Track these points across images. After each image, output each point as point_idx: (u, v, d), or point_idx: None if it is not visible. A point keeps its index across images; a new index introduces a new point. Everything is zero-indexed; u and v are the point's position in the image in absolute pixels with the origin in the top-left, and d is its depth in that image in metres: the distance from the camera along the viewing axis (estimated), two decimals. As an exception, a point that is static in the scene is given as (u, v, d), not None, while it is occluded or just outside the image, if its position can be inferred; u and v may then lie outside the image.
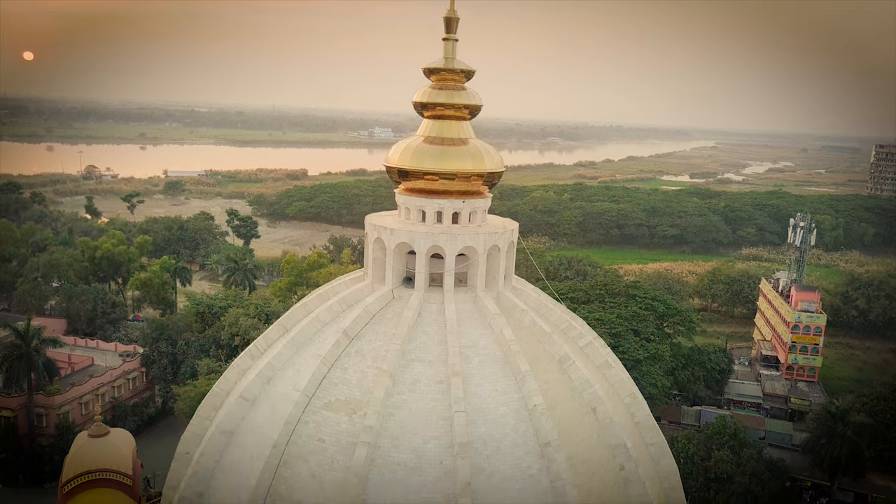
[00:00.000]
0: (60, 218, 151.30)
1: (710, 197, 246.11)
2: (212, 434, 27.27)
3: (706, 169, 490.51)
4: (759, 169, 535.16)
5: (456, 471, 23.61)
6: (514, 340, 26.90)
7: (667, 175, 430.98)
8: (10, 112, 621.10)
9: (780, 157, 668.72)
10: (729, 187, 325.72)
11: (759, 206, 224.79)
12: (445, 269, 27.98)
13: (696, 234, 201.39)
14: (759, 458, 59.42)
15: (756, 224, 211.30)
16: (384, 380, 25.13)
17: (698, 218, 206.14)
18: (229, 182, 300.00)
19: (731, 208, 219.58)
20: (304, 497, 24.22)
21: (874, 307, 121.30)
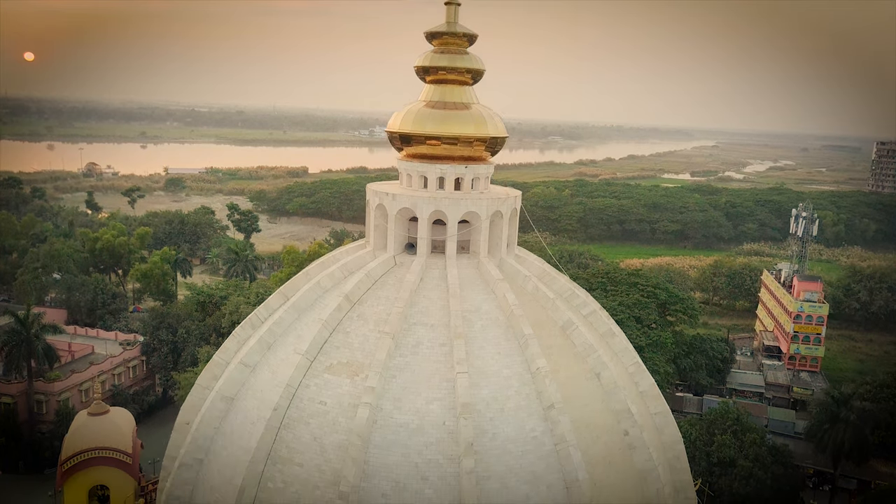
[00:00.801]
0: (61, 212, 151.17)
1: (712, 193, 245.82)
2: (212, 400, 27.04)
3: (707, 167, 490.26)
4: (759, 167, 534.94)
5: (458, 432, 23.37)
6: (517, 305, 26.67)
7: (668, 173, 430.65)
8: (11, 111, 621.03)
9: (781, 157, 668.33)
10: (730, 185, 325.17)
11: (760, 202, 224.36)
12: (448, 235, 27.73)
13: (697, 230, 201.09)
14: (761, 442, 59.13)
15: (757, 220, 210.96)
16: (386, 342, 24.89)
17: (699, 213, 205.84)
18: (230, 179, 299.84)
19: (732, 204, 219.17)
20: (305, 459, 23.98)
21: (876, 299, 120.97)
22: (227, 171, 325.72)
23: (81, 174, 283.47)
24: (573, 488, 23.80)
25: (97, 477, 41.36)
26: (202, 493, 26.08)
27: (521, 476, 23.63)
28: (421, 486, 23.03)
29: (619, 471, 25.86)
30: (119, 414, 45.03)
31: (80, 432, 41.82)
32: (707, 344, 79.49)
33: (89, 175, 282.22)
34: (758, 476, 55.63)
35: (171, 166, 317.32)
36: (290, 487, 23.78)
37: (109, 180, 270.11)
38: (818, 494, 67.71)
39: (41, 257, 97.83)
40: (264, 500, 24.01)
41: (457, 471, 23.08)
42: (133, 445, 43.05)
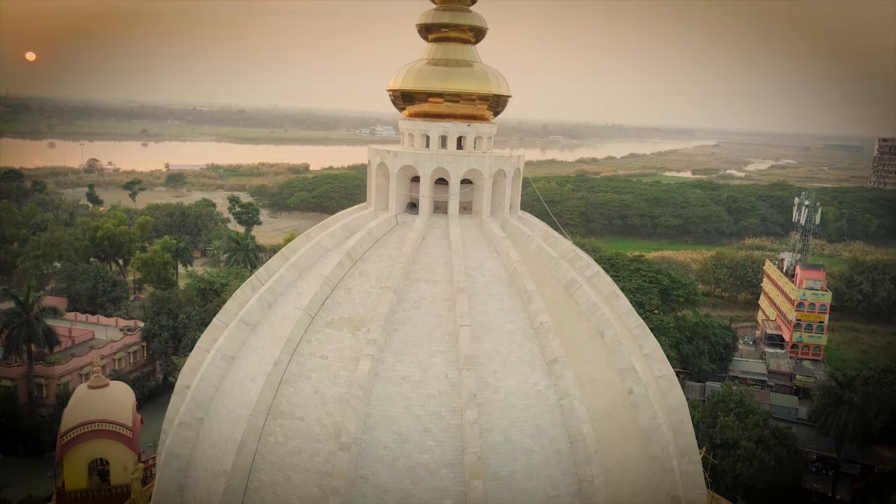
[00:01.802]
0: (62, 205, 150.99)
1: (713, 189, 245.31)
2: (212, 359, 26.79)
3: (708, 165, 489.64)
4: (761, 166, 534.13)
5: (461, 384, 23.12)
6: (520, 262, 26.43)
7: (669, 171, 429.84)
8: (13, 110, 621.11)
9: (783, 156, 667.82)
10: (731, 182, 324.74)
11: (761, 197, 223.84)
12: (450, 193, 27.50)
13: (699, 224, 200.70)
14: (764, 424, 58.81)
15: (759, 214, 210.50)
16: (388, 296, 24.65)
17: (701, 208, 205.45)
18: (231, 175, 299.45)
19: (733, 199, 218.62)
20: (306, 413, 23.73)
21: (879, 291, 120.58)
22: (229, 167, 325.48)
23: (82, 170, 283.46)
24: (577, 442, 23.54)
25: (97, 450, 41.13)
26: (202, 449, 25.84)
27: (525, 429, 23.37)
28: (423, 438, 22.78)
29: (622, 428, 25.59)
30: (119, 388, 44.79)
31: (80, 405, 41.60)
32: (710, 330, 79.16)
33: (90, 171, 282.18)
34: (761, 457, 55.29)
35: (172, 163, 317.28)
36: (290, 441, 23.54)
37: (110, 176, 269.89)
38: (821, 479, 67.38)
39: (41, 245, 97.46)
40: (265, 454, 23.77)
41: (459, 423, 22.83)
42: (133, 419, 42.82)
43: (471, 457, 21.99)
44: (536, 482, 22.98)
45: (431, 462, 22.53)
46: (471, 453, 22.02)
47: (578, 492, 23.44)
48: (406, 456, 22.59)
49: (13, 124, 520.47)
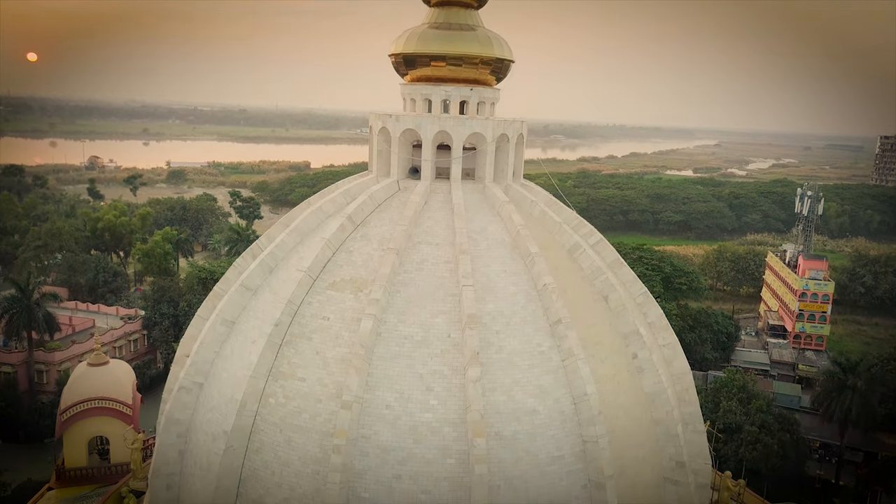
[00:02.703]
0: (63, 199, 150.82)
1: (715, 185, 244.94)
2: (212, 324, 26.55)
3: (710, 164, 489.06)
4: (762, 165, 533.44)
5: (464, 343, 22.87)
6: (523, 226, 26.20)
7: (670, 170, 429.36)
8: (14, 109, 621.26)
9: (784, 155, 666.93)
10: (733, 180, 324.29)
11: (763, 194, 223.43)
12: (453, 158, 27.26)
13: (701, 220, 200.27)
14: (767, 409, 58.53)
15: (761, 211, 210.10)
16: (390, 257, 24.41)
17: (702, 204, 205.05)
18: (232, 173, 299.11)
19: (735, 195, 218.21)
20: (307, 374, 23.49)
21: (881, 283, 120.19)
22: (230, 165, 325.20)
23: (83, 167, 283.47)
24: (581, 403, 23.29)
25: (97, 428, 41.06)
26: (202, 413, 25.59)
27: (528, 389, 23.13)
28: (425, 396, 22.54)
29: (626, 392, 25.34)
30: (119, 366, 44.69)
31: (80, 382, 41.51)
32: (712, 318, 78.88)
33: (91, 168, 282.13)
34: (764, 442, 55.02)
35: (174, 160, 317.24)
36: (291, 402, 23.30)
37: (111, 173, 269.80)
38: (824, 466, 67.09)
39: (42, 236, 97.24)
40: (265, 415, 23.53)
41: (462, 382, 22.59)
42: (133, 398, 42.69)
43: (473, 415, 21.74)
44: (540, 442, 22.73)
45: (434, 421, 22.29)
46: (474, 411, 21.77)
47: (583, 453, 23.19)
48: (408, 415, 22.36)
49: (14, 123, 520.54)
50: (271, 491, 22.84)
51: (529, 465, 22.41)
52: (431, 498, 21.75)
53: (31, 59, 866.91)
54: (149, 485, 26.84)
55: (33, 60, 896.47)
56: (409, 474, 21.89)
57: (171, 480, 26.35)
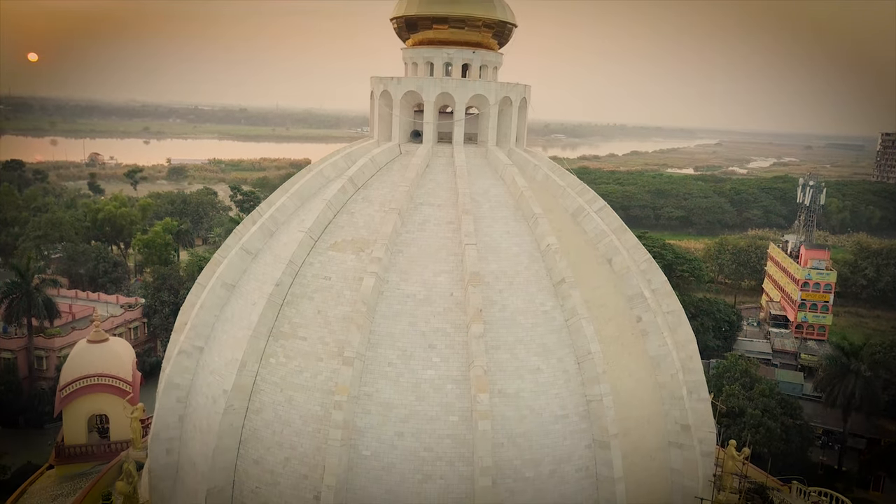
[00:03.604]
0: (63, 194, 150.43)
1: (716, 182, 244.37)
2: (212, 287, 26.29)
3: (710, 163, 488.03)
4: (763, 163, 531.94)
5: (467, 301, 22.61)
6: (527, 187, 25.94)
7: (671, 168, 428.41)
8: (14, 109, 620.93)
9: (785, 154, 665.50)
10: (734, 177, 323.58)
11: (764, 190, 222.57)
12: (455, 120, 27.01)
13: (702, 216, 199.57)
14: (770, 394, 58.19)
15: (762, 206, 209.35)
16: (392, 217, 24.15)
17: (703, 199, 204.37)
18: (233, 169, 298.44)
19: (736, 191, 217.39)
20: (308, 333, 23.24)
21: (883, 276, 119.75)
22: (230, 162, 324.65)
23: (84, 164, 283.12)
24: (585, 362, 23.04)
25: (96, 405, 40.70)
26: (202, 377, 25.33)
27: (532, 348, 22.88)
28: (428, 354, 22.29)
29: (631, 354, 25.09)
30: (118, 343, 44.38)
31: (79, 359, 41.16)
32: (714, 307, 78.58)
33: (92, 165, 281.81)
34: (767, 425, 54.68)
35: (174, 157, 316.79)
36: (292, 361, 23.06)
37: (112, 169, 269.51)
38: (827, 453, 66.74)
39: (42, 226, 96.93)
40: (266, 375, 23.28)
41: (465, 339, 22.34)
42: (133, 375, 42.38)
43: (476, 370, 21.49)
44: (543, 401, 22.47)
45: (436, 378, 22.05)
46: (477, 366, 21.52)
47: (587, 413, 22.94)
48: (411, 372, 22.12)
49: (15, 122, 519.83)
50: (272, 450, 22.59)
51: (533, 423, 22.16)
52: (434, 455, 21.50)
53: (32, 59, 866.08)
54: (148, 449, 26.56)
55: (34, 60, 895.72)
56: (411, 431, 21.64)
57: (170, 445, 26.09)
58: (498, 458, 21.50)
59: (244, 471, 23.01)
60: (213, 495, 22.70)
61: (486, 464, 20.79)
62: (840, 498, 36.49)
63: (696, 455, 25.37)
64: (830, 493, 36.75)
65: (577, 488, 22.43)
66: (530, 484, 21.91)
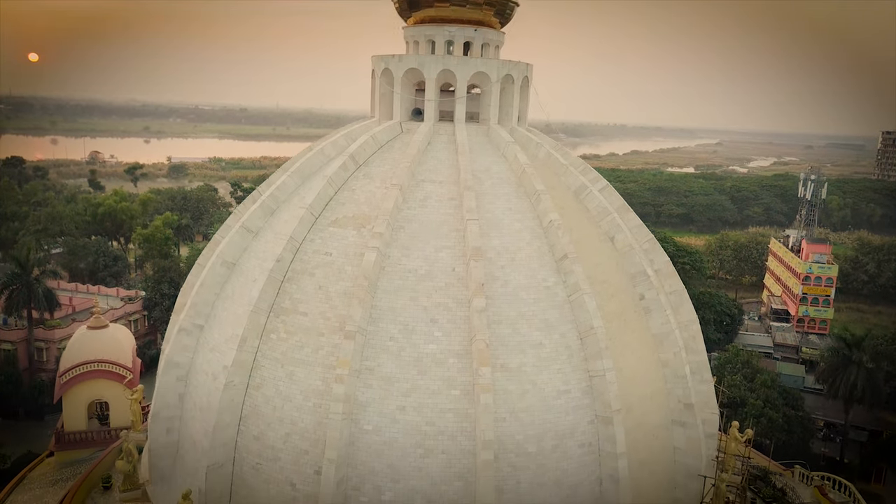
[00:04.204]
0: (63, 190, 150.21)
1: (717, 179, 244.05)
2: (212, 265, 26.14)
3: (711, 162, 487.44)
4: (763, 163, 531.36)
5: (469, 275, 22.47)
6: (529, 164, 25.80)
7: (671, 167, 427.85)
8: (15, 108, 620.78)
9: (785, 154, 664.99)
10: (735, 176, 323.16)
11: (765, 187, 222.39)
12: (456, 97, 26.84)
13: (703, 213, 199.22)
14: (772, 385, 58.04)
15: (763, 204, 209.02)
16: (394, 193, 24.01)
17: (704, 197, 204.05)
18: (233, 168, 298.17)
19: (737, 188, 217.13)
20: (309, 308, 23.10)
21: (884, 271, 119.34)
22: (231, 160, 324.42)
23: (85, 162, 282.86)
24: (588, 338, 22.89)
25: (96, 391, 40.49)
26: (203, 355, 25.19)
27: (534, 323, 22.73)
28: (430, 328, 22.15)
29: (634, 331, 24.95)
30: (118, 330, 44.16)
31: (79, 345, 40.94)
32: (715, 300, 78.41)
33: (92, 163, 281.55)
34: (769, 416, 54.51)
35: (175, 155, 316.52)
36: (293, 337, 22.91)
37: (112, 167, 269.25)
38: (829, 445, 66.53)
39: (42, 220, 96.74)
40: (266, 351, 23.15)
41: (467, 314, 22.19)
42: (133, 362, 42.21)
43: (479, 344, 21.34)
44: (546, 376, 22.32)
45: (438, 352, 21.91)
46: (479, 340, 21.37)
47: (589, 388, 22.79)
48: (412, 346, 21.98)
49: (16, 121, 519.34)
50: (272, 426, 22.44)
51: (535, 397, 22.01)
52: (436, 429, 21.36)
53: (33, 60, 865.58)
54: (148, 429, 26.42)
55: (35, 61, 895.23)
56: (413, 406, 21.50)
57: (170, 424, 25.97)
58: (500, 432, 21.36)
59: (245, 447, 22.88)
60: (213, 472, 22.56)
61: (488, 437, 20.64)
62: (843, 482, 36.40)
63: (700, 434, 25.21)
64: (833, 478, 36.66)
65: (579, 464, 22.29)
66: (532, 459, 21.76)
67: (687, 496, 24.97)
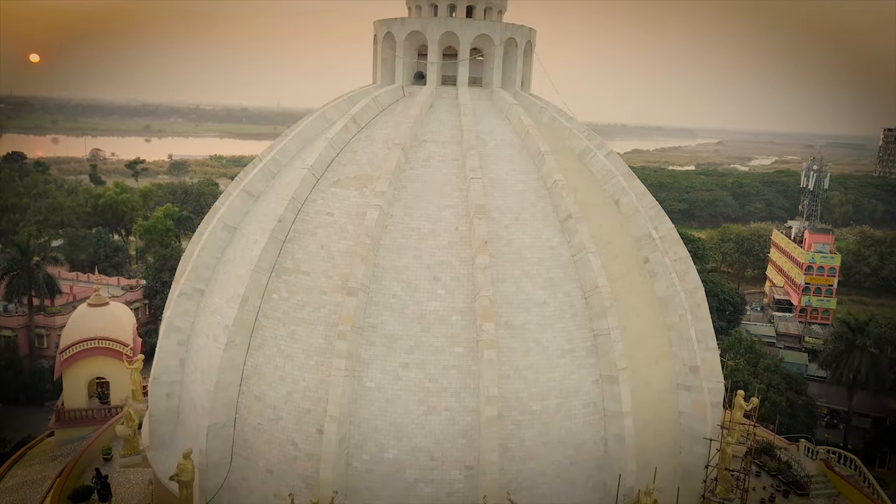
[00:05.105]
0: (64, 185, 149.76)
1: (719, 176, 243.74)
2: (213, 229, 25.93)
3: (712, 161, 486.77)
4: (765, 161, 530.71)
5: (472, 233, 22.23)
6: (533, 125, 25.56)
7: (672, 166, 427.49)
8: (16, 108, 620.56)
9: (786, 153, 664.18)
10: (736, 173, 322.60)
11: (767, 183, 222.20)
12: (459, 59, 26.57)
13: (704, 209, 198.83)
14: (775, 369, 57.82)
15: (764, 199, 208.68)
16: (396, 153, 23.78)
17: (706, 192, 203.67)
18: (234, 165, 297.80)
19: (738, 184, 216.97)
20: (311, 268, 22.87)
21: (887, 264, 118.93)
22: (232, 158, 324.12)
23: (86, 159, 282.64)
24: (593, 296, 22.65)
25: (96, 368, 40.30)
26: (204, 318, 24.98)
27: (538, 282, 22.49)
28: (433, 286, 21.91)
29: (639, 293, 24.70)
30: (119, 308, 44.02)
31: (80, 322, 40.81)
32: (718, 288, 78.16)
33: (93, 160, 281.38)
34: (773, 399, 54.21)
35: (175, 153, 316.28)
36: (295, 296, 22.68)
37: (113, 164, 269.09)
38: (832, 432, 66.26)
39: (43, 211, 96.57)
40: (268, 311, 22.91)
41: (470, 272, 21.95)
42: (133, 340, 42.02)
43: (483, 300, 21.09)
44: (550, 334, 22.08)
45: (441, 310, 21.68)
46: (483, 296, 21.12)
47: (594, 348, 22.56)
48: (415, 304, 21.75)
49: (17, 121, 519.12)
50: (274, 385, 22.21)
51: (540, 355, 21.78)
52: (439, 386, 21.13)
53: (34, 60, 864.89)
54: (148, 394, 26.21)
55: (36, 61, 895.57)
56: (416, 363, 21.27)
57: (171, 389, 25.79)
58: (504, 390, 21.12)
59: (246, 408, 22.64)
60: (214, 431, 22.31)
61: (492, 393, 20.39)
62: (848, 456, 36.16)
63: (705, 398, 24.91)
64: (839, 452, 36.43)
65: (584, 423, 22.06)
66: (537, 417, 21.53)
67: (693, 460, 24.71)
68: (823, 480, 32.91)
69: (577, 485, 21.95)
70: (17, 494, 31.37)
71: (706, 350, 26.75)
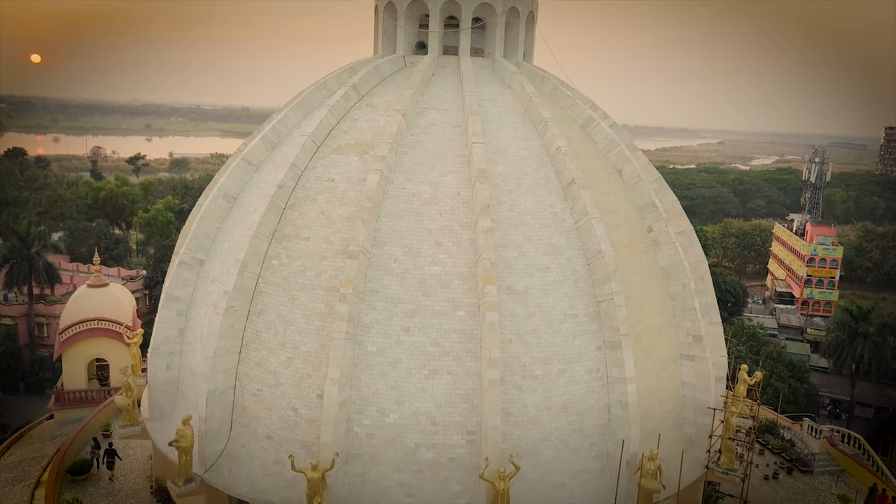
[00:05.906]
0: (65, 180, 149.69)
1: (720, 173, 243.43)
2: (213, 199, 25.76)
3: (713, 160, 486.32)
4: (766, 161, 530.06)
5: (474, 198, 22.03)
6: (535, 93, 25.37)
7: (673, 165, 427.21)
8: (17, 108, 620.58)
9: (787, 153, 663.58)
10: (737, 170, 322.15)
11: (768, 181, 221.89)
12: (461, 28, 26.40)
13: (705, 206, 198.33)
14: (778, 357, 57.56)
15: (766, 196, 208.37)
16: (397, 119, 23.60)
17: (707, 190, 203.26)
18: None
19: (739, 181, 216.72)
20: (312, 233, 22.69)
21: (889, 258, 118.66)
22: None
23: (86, 157, 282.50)
24: (596, 261, 22.44)
25: (96, 349, 40.18)
26: (203, 286, 24.83)
27: (540, 247, 22.30)
28: (434, 250, 21.73)
29: (642, 262, 24.51)
30: (118, 289, 43.95)
31: (79, 302, 40.70)
32: (720, 278, 77.79)
33: (94, 159, 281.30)
34: (775, 386, 53.92)
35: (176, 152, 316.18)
36: (295, 262, 22.50)
37: (114, 162, 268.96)
38: (835, 422, 65.99)
39: (43, 203, 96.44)
40: (268, 277, 22.72)
41: (472, 237, 21.77)
42: (133, 321, 41.89)
43: (484, 263, 20.89)
44: (553, 299, 21.89)
45: (443, 274, 21.49)
46: (484, 259, 20.92)
47: (597, 314, 22.35)
48: (417, 268, 21.56)
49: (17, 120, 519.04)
50: (274, 351, 22.02)
51: (542, 320, 21.58)
52: (441, 350, 20.94)
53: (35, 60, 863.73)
54: (148, 363, 26.03)
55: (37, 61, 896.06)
56: (417, 326, 21.08)
57: (170, 360, 25.63)
58: (506, 354, 20.92)
59: (245, 374, 22.45)
60: (213, 398, 22.11)
61: (494, 356, 20.18)
62: (852, 435, 35.92)
63: (709, 367, 24.72)
64: (842, 431, 36.19)
65: (587, 389, 21.85)
66: (539, 382, 21.33)
67: (696, 431, 24.53)
68: (827, 458, 32.69)
69: (580, 452, 21.74)
70: (16, 471, 31.19)
71: (710, 324, 26.47)
